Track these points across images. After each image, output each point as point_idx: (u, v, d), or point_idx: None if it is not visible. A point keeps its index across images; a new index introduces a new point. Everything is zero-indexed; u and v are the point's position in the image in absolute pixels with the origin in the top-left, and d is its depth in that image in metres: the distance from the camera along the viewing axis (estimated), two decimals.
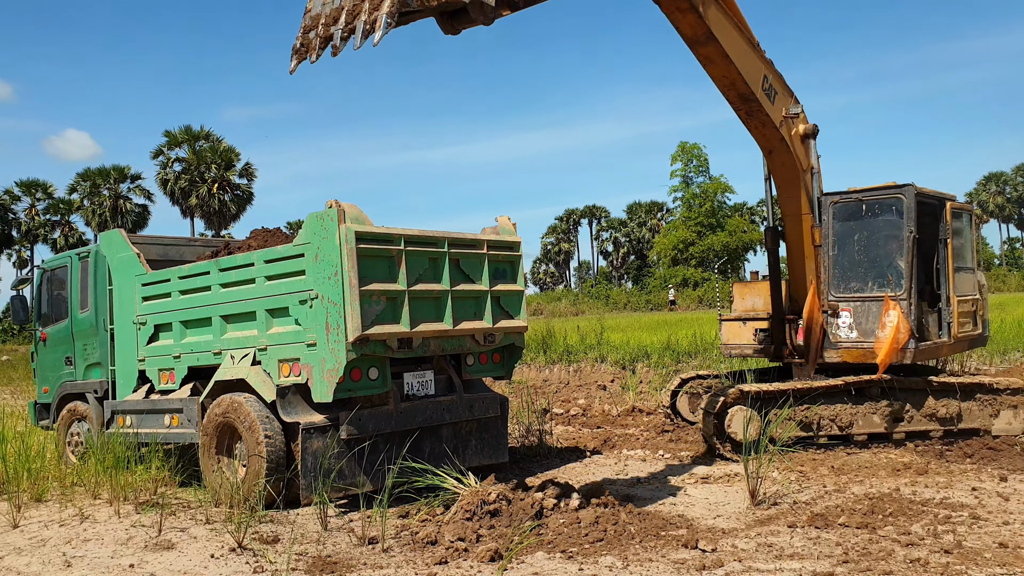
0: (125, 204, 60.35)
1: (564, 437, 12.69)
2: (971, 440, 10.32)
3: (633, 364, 20.14)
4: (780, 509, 7.81)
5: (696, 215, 68.09)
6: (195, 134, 58.96)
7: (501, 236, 9.79)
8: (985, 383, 10.69)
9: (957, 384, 10.65)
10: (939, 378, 10.86)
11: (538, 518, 7.35)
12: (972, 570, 5.86)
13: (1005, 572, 5.80)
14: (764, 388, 10.51)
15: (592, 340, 23.72)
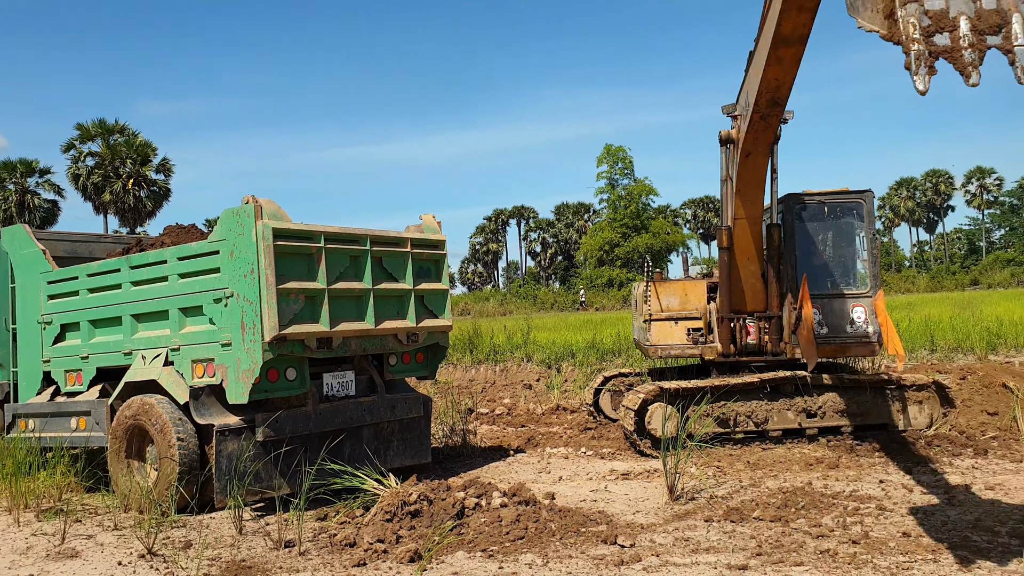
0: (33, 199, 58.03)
1: (488, 436, 12.69)
2: (880, 434, 10.66)
3: (559, 363, 20.23)
4: (697, 504, 7.94)
5: (621, 217, 68.93)
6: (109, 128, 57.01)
7: (425, 234, 9.74)
8: (893, 379, 11.05)
9: (867, 381, 10.99)
10: (850, 375, 11.19)
11: (459, 518, 7.33)
12: (877, 559, 6.05)
13: (907, 560, 6.00)
14: (683, 385, 10.69)
15: (519, 340, 23.74)
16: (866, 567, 5.89)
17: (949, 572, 5.72)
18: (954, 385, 11.70)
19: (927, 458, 9.54)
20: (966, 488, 8.15)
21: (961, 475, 8.75)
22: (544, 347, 22.36)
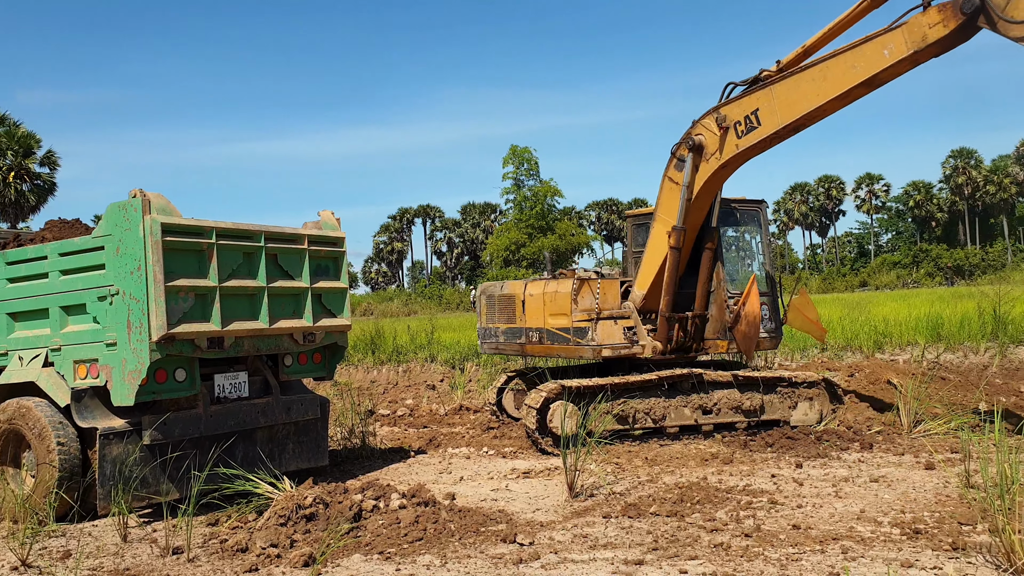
0: None
1: (389, 438, 12.55)
2: (772, 430, 10.98)
3: (463, 363, 20.20)
4: (596, 500, 8.01)
5: (527, 217, 69.34)
6: None
7: (324, 231, 9.54)
8: (785, 377, 11.42)
9: (760, 378, 11.32)
10: (744, 372, 11.50)
11: (357, 520, 7.21)
12: (768, 551, 6.20)
13: (797, 552, 6.17)
14: (584, 383, 10.78)
15: (423, 340, 23.61)
16: (757, 559, 6.03)
17: (836, 562, 5.90)
18: (843, 382, 12.16)
19: (817, 453, 9.86)
20: (852, 481, 8.45)
21: (848, 468, 9.07)
22: (449, 347, 22.30)
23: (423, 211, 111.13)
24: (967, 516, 6.88)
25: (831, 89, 9.32)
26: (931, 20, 8.69)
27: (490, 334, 12.82)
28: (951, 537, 6.31)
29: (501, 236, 71.97)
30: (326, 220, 9.73)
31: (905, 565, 5.78)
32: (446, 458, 10.87)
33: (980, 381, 13.39)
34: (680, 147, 10.84)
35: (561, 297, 11.54)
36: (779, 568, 5.82)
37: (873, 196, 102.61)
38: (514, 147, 70.85)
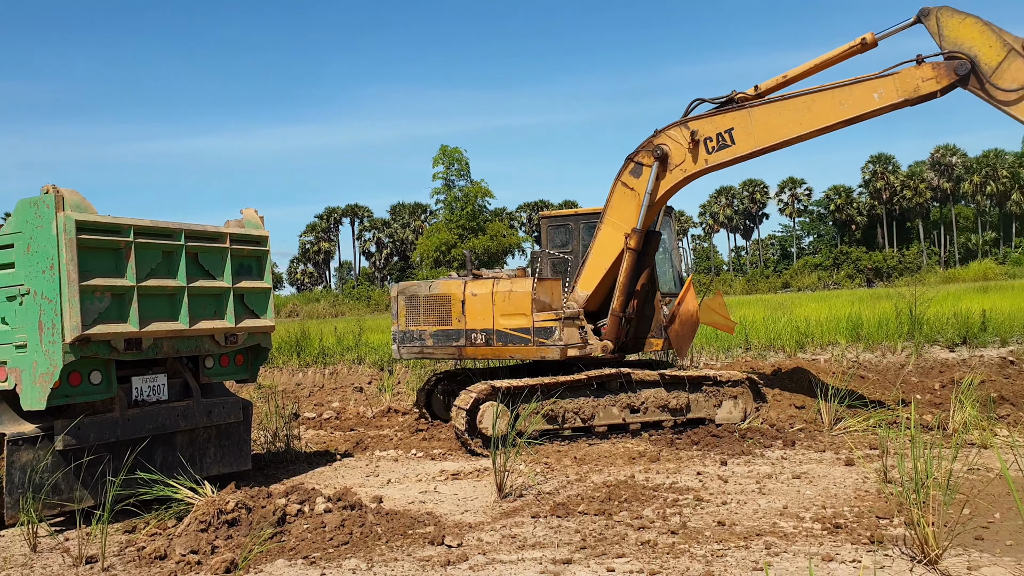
0: None
1: (315, 441, 12.36)
2: (698, 428, 11.16)
3: (391, 365, 20.03)
4: (525, 501, 8.02)
5: (458, 218, 69.20)
6: None
7: (247, 230, 9.35)
8: (710, 376, 11.61)
9: (686, 377, 11.49)
10: (671, 372, 11.66)
11: (281, 525, 7.08)
12: (694, 548, 6.29)
13: (722, 548, 6.27)
14: (514, 384, 10.79)
15: (350, 341, 23.33)
16: (683, 556, 6.11)
17: (759, 558, 6.01)
18: (766, 381, 12.41)
19: (741, 450, 10.04)
20: (776, 477, 8.63)
21: (771, 465, 9.26)
22: (377, 349, 22.08)
23: (351, 211, 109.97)
24: (884, 510, 7.09)
25: (816, 121, 9.99)
26: (924, 75, 9.62)
27: (411, 337, 12.04)
28: (869, 531, 6.50)
29: (431, 236, 71.67)
30: (249, 218, 9.54)
31: (826, 559, 5.92)
32: (373, 461, 10.76)
33: (897, 379, 13.82)
34: (641, 154, 11.10)
35: (518, 297, 11.34)
36: (704, 564, 5.90)
37: (795, 200, 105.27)
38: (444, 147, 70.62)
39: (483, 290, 11.58)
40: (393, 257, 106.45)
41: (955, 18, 9.61)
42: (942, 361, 16.11)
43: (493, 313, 11.48)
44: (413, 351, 12.07)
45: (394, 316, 12.23)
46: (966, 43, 9.51)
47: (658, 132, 11.06)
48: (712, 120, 10.67)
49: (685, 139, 10.81)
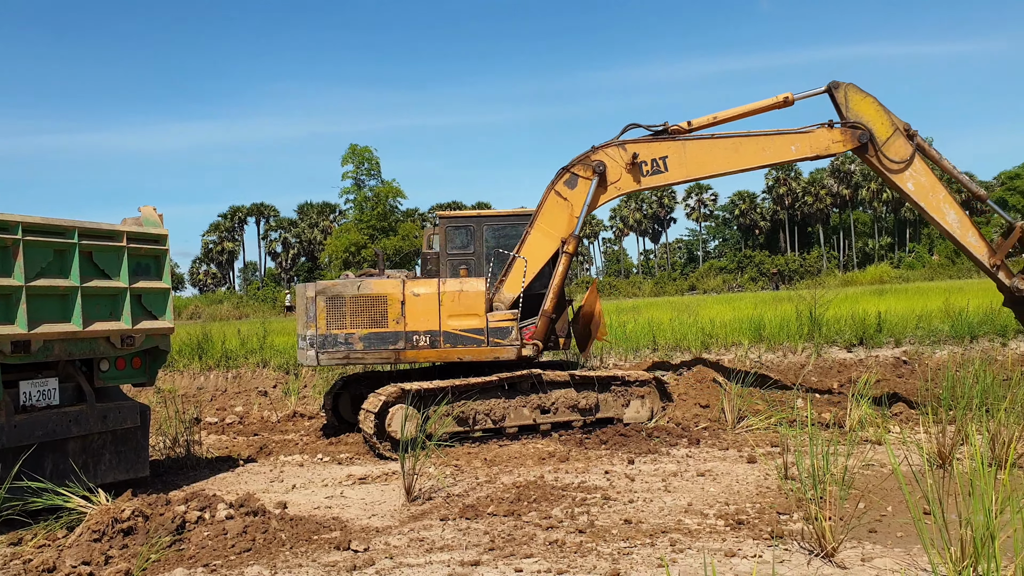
0: None
1: (217, 447, 12.06)
2: (607, 428, 11.32)
3: (297, 368, 19.68)
4: (434, 503, 7.99)
5: (368, 218, 68.50)
6: None
7: (145, 228, 9.06)
8: (619, 376, 11.79)
9: (595, 377, 11.64)
10: (581, 372, 11.79)
11: (180, 532, 6.90)
12: (601, 546, 6.37)
13: (628, 545, 6.38)
14: (424, 386, 10.73)
15: (255, 344, 22.81)
16: (591, 555, 6.19)
17: (664, 555, 6.13)
18: (672, 381, 12.66)
19: (648, 449, 10.22)
20: (681, 475, 8.82)
21: (677, 463, 9.46)
22: (283, 352, 21.64)
23: (257, 210, 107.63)
24: (785, 506, 7.32)
25: (741, 162, 11.49)
26: (835, 138, 11.49)
27: (335, 342, 11.13)
28: (770, 526, 6.70)
29: (340, 237, 70.74)
30: (147, 216, 9.25)
31: (728, 554, 6.08)
32: (278, 466, 10.56)
33: (798, 379, 14.28)
34: (579, 167, 11.65)
35: (470, 297, 11.23)
36: (611, 562, 5.98)
37: (702, 205, 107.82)
38: (354, 146, 69.80)
39: (428, 290, 11.26)
40: (300, 258, 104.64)
41: (859, 95, 11.45)
42: (840, 361, 16.73)
43: (440, 314, 11.25)
44: (337, 357, 11.17)
45: (310, 318, 11.22)
46: (865, 117, 11.44)
47: (596, 148, 11.74)
48: (649, 146, 11.55)
49: (624, 160, 11.59)
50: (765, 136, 11.48)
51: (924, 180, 11.46)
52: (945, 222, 11.51)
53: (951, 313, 19.18)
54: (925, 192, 11.47)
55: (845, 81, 11.56)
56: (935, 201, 11.48)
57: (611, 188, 11.69)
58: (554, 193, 11.73)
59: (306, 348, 11.24)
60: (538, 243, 11.66)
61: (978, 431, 8.15)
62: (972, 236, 11.62)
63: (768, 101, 11.68)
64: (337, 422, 12.90)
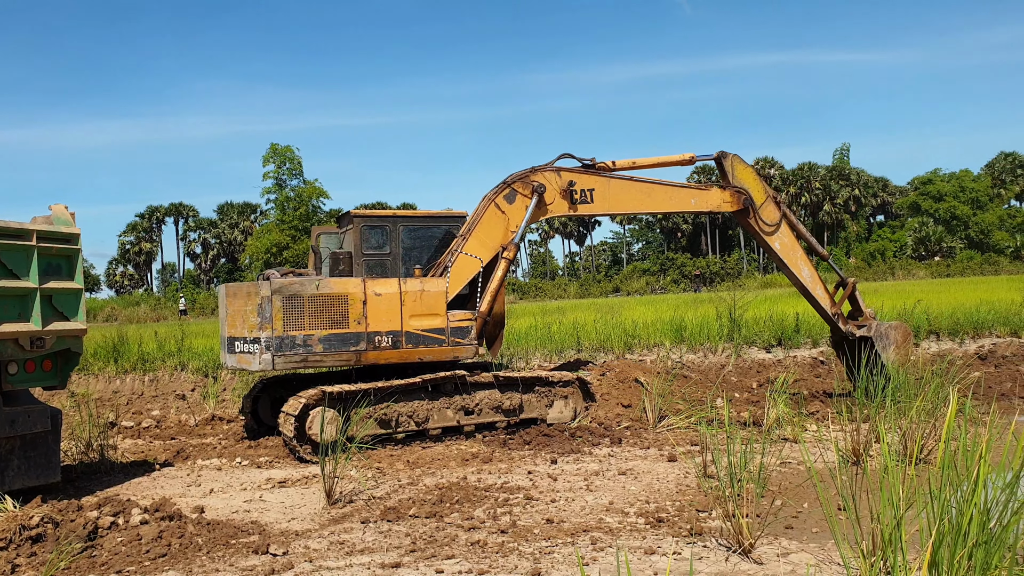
0: None
1: (133, 451, 11.75)
2: (530, 428, 11.41)
3: (216, 371, 19.29)
4: (355, 506, 7.94)
5: (290, 218, 67.53)
6: None
7: (56, 227, 8.79)
8: (542, 376, 11.88)
9: (519, 378, 11.70)
10: (504, 373, 11.84)
11: (92, 539, 6.73)
12: (523, 546, 6.42)
13: (550, 545, 6.44)
14: (346, 388, 10.63)
15: (172, 347, 22.30)
16: (512, 555, 6.23)
17: (585, 553, 6.21)
18: (595, 381, 12.80)
19: (571, 448, 10.33)
20: (603, 474, 8.93)
21: (599, 463, 9.58)
22: (201, 354, 21.20)
23: (176, 210, 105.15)
24: (704, 503, 7.48)
25: (651, 205, 13.06)
26: (725, 198, 13.23)
27: (292, 344, 10.54)
28: (690, 523, 6.84)
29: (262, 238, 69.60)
30: (58, 215, 8.97)
31: (648, 552, 6.19)
32: (195, 470, 10.34)
33: (717, 379, 14.60)
34: (519, 184, 12.19)
35: (432, 296, 11.18)
36: (532, 562, 6.03)
37: None
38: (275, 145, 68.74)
39: (389, 289, 11.04)
40: (220, 259, 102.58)
41: (742, 165, 13.33)
42: (759, 361, 17.17)
43: (402, 314, 11.09)
44: (294, 360, 10.59)
45: (265, 319, 10.55)
46: (746, 184, 13.30)
47: (535, 170, 12.32)
48: (580, 177, 12.49)
49: (559, 185, 12.34)
50: (673, 188, 13.03)
51: (787, 240, 13.44)
52: (801, 276, 13.44)
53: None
54: (788, 251, 13.44)
55: (731, 152, 13.35)
56: (794, 259, 13.46)
57: (547, 209, 12.35)
58: (494, 205, 11.99)
59: (259, 351, 10.56)
60: (475, 250, 11.83)
61: (890, 429, 8.44)
62: (820, 289, 13.53)
63: (675, 157, 13.37)
64: (256, 425, 12.67)
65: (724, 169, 13.32)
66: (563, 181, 12.31)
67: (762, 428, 10.62)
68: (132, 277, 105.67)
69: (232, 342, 11.01)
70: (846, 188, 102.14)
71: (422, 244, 12.01)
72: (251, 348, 10.66)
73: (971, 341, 18.15)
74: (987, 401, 11.60)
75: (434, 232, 12.05)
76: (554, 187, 12.25)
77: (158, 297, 75.95)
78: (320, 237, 13.02)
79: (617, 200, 12.64)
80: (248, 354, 10.71)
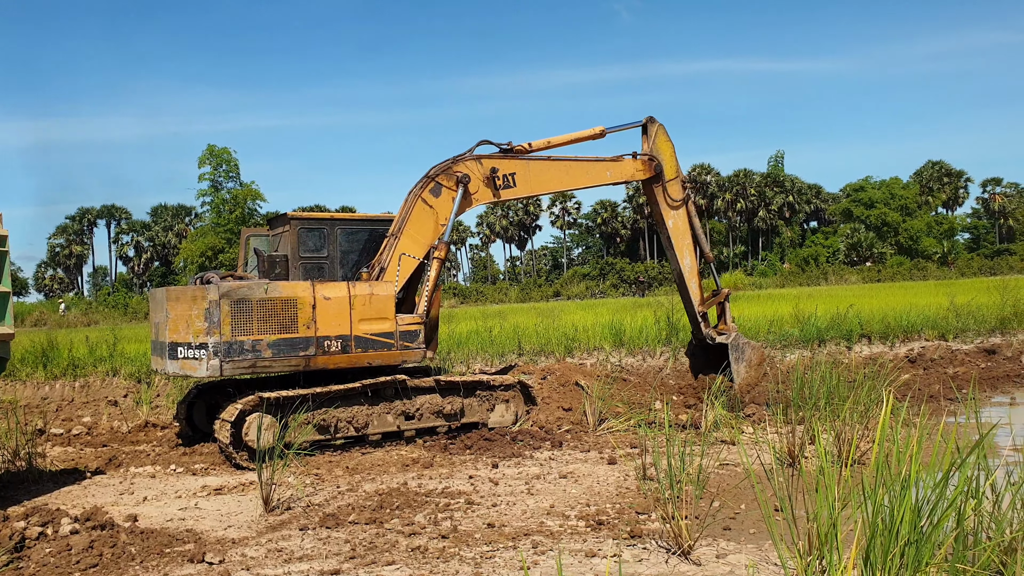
0: None
1: (62, 459, 11.41)
2: (471, 433, 11.37)
3: (150, 377, 18.85)
4: (293, 513, 7.82)
5: (226, 221, 66.48)
6: None
7: None
8: (483, 380, 11.87)
9: (461, 382, 11.66)
10: (445, 377, 11.79)
11: (19, 550, 6.53)
12: (464, 551, 6.39)
13: (491, 549, 6.42)
14: (283, 394, 10.46)
15: (104, 352, 21.72)
16: (453, 560, 6.19)
17: (527, 557, 6.21)
18: (536, 385, 12.83)
19: (512, 452, 10.33)
20: (544, 478, 8.95)
21: (540, 466, 9.59)
22: (134, 360, 20.68)
23: (108, 212, 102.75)
24: (643, 506, 7.54)
25: (570, 182, 13.37)
26: (637, 167, 13.56)
27: (241, 349, 10.26)
28: (630, 526, 6.89)
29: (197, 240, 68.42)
30: None
31: (589, 555, 6.21)
32: (128, 478, 10.09)
33: (656, 381, 14.75)
34: (442, 177, 12.02)
35: (380, 300, 11.06)
36: (473, 567, 6.01)
37: (566, 213, 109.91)
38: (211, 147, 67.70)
39: (338, 293, 10.86)
40: (154, 262, 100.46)
41: (664, 136, 13.67)
42: None
43: (351, 318, 10.92)
44: (243, 365, 10.33)
45: (212, 324, 10.22)
46: (662, 155, 13.62)
47: (457, 160, 12.16)
48: (501, 162, 12.47)
49: (482, 173, 12.27)
50: (588, 162, 13.24)
51: (681, 224, 13.83)
52: (682, 263, 13.85)
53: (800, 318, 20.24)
54: (679, 234, 13.77)
55: (660, 121, 13.75)
56: (682, 244, 13.77)
57: (473, 199, 12.29)
58: (420, 201, 11.80)
59: (206, 357, 10.24)
60: (405, 248, 11.65)
61: (824, 430, 8.61)
62: (695, 283, 13.89)
63: (586, 132, 13.54)
64: (192, 432, 12.40)
65: (647, 133, 13.69)
66: (485, 169, 12.29)
67: (700, 430, 10.74)
68: (62, 280, 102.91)
69: (174, 347, 10.62)
70: (780, 195, 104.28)
71: (359, 247, 11.89)
72: (197, 354, 10.34)
73: (901, 344, 18.64)
74: (917, 403, 11.93)
75: (372, 235, 11.94)
76: (477, 176, 12.23)
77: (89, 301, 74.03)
78: (250, 239, 12.79)
79: (538, 181, 12.81)
80: (194, 360, 10.35)
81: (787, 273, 78.82)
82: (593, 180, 13.35)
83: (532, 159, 12.75)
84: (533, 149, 12.84)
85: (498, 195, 12.47)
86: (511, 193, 12.65)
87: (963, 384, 14.53)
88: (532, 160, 12.75)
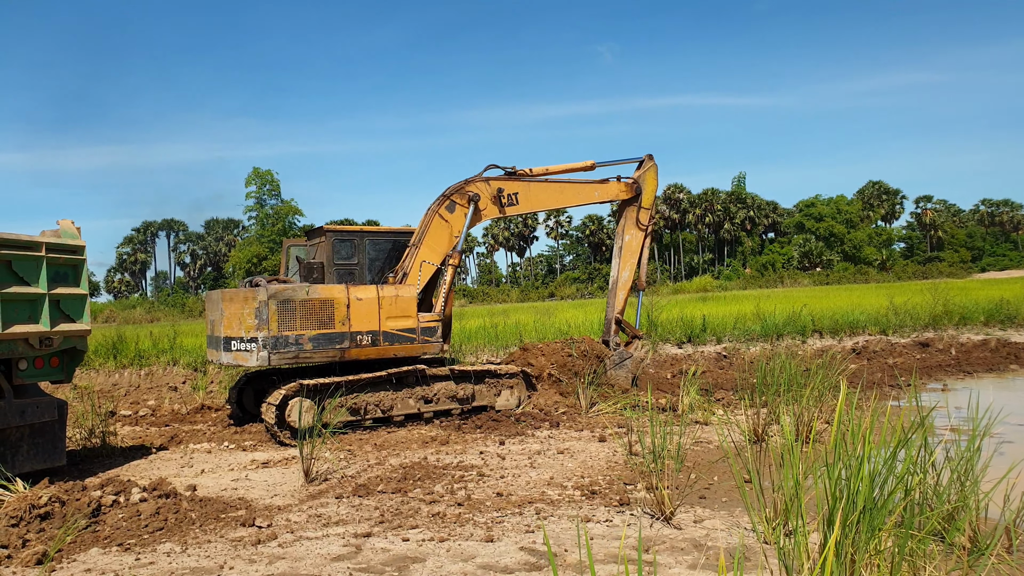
0: None
1: (131, 437, 11.38)
2: (481, 415, 11.33)
3: (205, 366, 18.83)
4: (330, 484, 7.79)
5: (270, 233, 66.56)
6: None
7: (63, 239, 8.46)
8: (491, 369, 11.83)
9: (472, 371, 11.63)
10: (459, 367, 11.76)
11: (96, 516, 6.48)
12: (477, 516, 6.36)
13: (500, 515, 6.39)
14: (321, 381, 10.44)
15: (165, 344, 21.71)
16: (468, 523, 6.17)
17: (531, 522, 6.18)
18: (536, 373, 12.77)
19: (516, 431, 10.29)
20: (544, 453, 8.91)
21: (540, 443, 9.56)
22: (191, 351, 20.70)
23: (167, 224, 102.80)
24: (630, 477, 7.50)
25: (564, 201, 13.59)
26: (621, 188, 14.00)
27: (286, 343, 10.36)
28: (619, 495, 6.85)
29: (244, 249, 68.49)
30: (65, 229, 8.65)
31: (585, 519, 6.18)
32: (188, 453, 10.06)
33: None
34: (456, 196, 12.16)
35: (405, 301, 11.14)
36: (486, 530, 5.99)
37: (559, 226, 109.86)
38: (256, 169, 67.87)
39: (369, 295, 10.94)
40: (207, 268, 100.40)
41: (654, 173, 14.22)
42: (673, 356, 17.34)
43: (380, 316, 10.99)
44: (288, 356, 10.41)
45: (262, 321, 10.29)
46: (647, 186, 14.15)
47: (469, 181, 12.31)
48: (506, 183, 12.67)
49: (490, 193, 12.46)
50: (580, 184, 13.62)
51: (635, 244, 14.14)
52: (620, 275, 14.07)
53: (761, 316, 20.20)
54: (630, 250, 14.10)
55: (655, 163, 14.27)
56: (628, 259, 14.03)
57: (482, 214, 12.42)
58: (437, 216, 11.89)
59: (256, 349, 10.34)
60: (426, 258, 11.75)
61: (786, 412, 8.59)
62: (622, 294, 14.03)
63: (580, 164, 13.83)
64: (241, 413, 12.39)
65: (642, 166, 14.15)
66: (492, 189, 12.44)
67: (678, 413, 10.71)
68: (128, 283, 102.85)
69: (229, 341, 10.67)
70: (743, 210, 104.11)
71: (384, 255, 11.93)
72: (248, 346, 10.43)
73: (847, 338, 18.60)
74: (864, 390, 11.89)
75: (395, 244, 11.97)
76: (486, 195, 12.39)
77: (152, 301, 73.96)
78: (290, 248, 12.94)
79: (537, 200, 13.06)
80: (246, 352, 10.47)
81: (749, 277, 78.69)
82: (583, 199, 13.67)
83: (533, 181, 12.94)
84: (534, 174, 13.06)
85: (503, 211, 12.60)
86: (514, 210, 12.83)
87: (902, 373, 14.49)
88: (533, 182, 12.96)
